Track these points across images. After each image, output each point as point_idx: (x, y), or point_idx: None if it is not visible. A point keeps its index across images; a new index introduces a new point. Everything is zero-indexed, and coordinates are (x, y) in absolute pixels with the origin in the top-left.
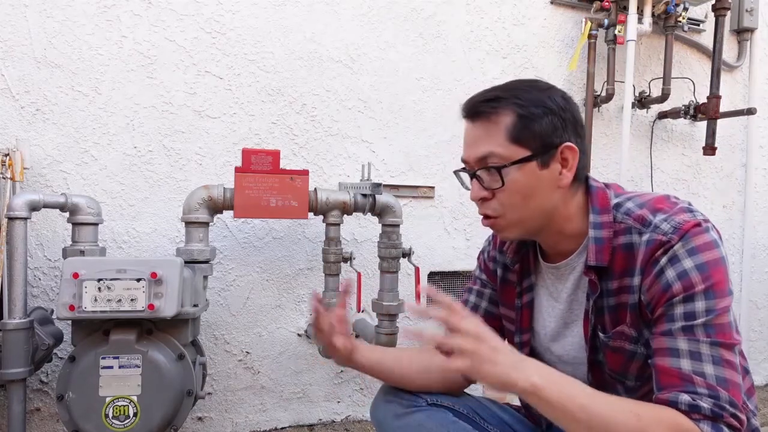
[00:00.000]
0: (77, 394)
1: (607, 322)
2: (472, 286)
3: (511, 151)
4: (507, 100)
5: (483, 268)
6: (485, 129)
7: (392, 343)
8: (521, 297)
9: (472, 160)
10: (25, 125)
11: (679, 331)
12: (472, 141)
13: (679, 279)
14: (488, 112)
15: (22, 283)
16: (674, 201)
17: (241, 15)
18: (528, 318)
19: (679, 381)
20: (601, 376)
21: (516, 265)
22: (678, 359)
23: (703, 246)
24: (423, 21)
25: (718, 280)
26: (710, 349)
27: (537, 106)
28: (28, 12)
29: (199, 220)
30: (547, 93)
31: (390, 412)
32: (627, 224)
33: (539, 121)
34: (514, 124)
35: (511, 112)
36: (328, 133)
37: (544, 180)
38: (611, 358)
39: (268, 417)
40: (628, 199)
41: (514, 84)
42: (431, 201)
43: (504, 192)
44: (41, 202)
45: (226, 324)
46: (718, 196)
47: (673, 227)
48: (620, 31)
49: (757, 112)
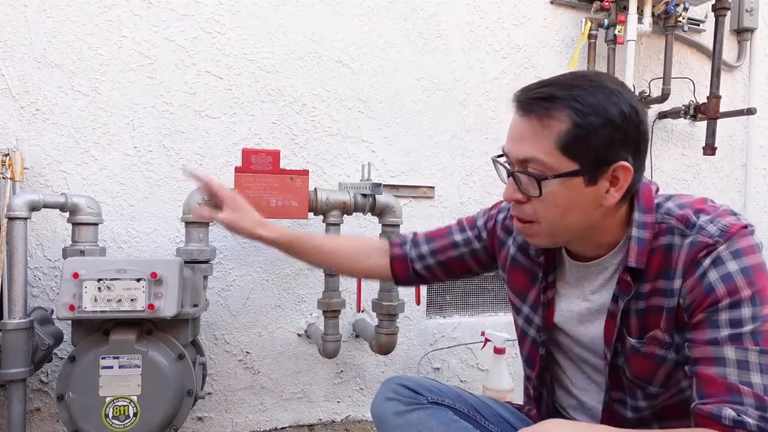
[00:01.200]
0: (77, 394)
1: (633, 326)
2: (468, 230)
3: (557, 162)
4: (564, 102)
5: (490, 230)
6: (533, 129)
7: (392, 343)
8: (545, 292)
9: (513, 157)
10: (25, 125)
11: (725, 339)
12: (517, 137)
13: (723, 282)
14: (541, 113)
15: (22, 283)
16: (714, 204)
17: (241, 15)
18: (552, 315)
19: (725, 390)
20: (618, 381)
21: (541, 257)
22: (724, 368)
23: (748, 249)
24: (423, 21)
25: (763, 285)
26: (758, 358)
27: (597, 115)
28: (28, 12)
29: (199, 220)
30: (613, 99)
31: (391, 410)
32: (669, 224)
33: (596, 133)
34: (567, 131)
35: (566, 117)
36: (328, 133)
37: (587, 196)
38: (638, 363)
39: (268, 417)
40: (667, 198)
41: (578, 80)
42: (431, 201)
43: (540, 202)
44: (41, 202)
45: (226, 324)
46: (718, 196)
47: (720, 230)
48: (620, 31)
49: (757, 112)
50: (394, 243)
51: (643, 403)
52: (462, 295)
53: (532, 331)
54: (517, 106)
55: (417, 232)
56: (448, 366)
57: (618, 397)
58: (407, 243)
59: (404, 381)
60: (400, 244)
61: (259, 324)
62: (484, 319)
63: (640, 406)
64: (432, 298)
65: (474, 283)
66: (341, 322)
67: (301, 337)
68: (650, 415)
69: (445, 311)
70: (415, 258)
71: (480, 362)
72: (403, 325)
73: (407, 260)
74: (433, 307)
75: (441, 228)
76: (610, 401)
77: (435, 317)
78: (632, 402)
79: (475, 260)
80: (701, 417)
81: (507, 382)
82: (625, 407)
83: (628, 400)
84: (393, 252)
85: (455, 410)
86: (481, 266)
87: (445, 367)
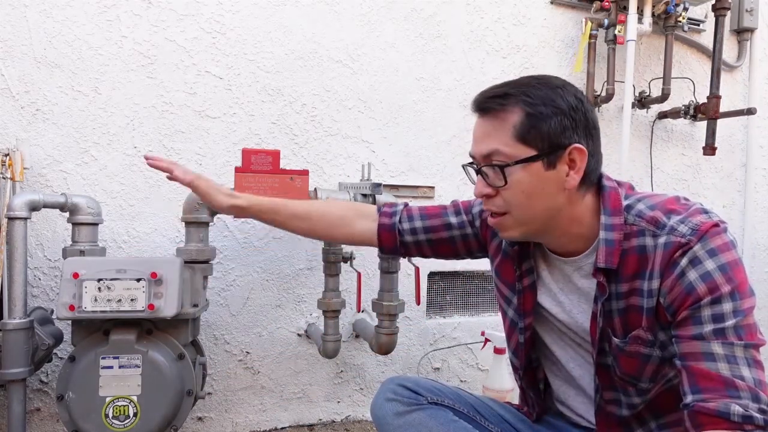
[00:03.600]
0: (77, 394)
1: (617, 326)
2: (463, 215)
3: (516, 150)
4: (516, 97)
5: (485, 219)
6: (492, 125)
7: (392, 343)
8: (521, 280)
9: (478, 155)
10: (25, 125)
11: (710, 334)
12: (479, 136)
13: (703, 281)
14: (496, 109)
15: (22, 283)
16: (686, 202)
17: (241, 15)
18: (530, 301)
19: (722, 385)
20: (610, 380)
21: (515, 246)
22: (715, 363)
23: (722, 246)
24: (423, 21)
25: (741, 280)
26: (743, 352)
27: (546, 105)
28: (28, 12)
29: (199, 220)
30: (558, 91)
31: (390, 410)
32: (639, 226)
33: (548, 120)
34: (521, 122)
35: (519, 110)
36: (328, 133)
37: (549, 181)
38: (625, 362)
39: (268, 417)
40: (638, 200)
41: (526, 80)
42: (431, 201)
43: (507, 190)
44: (41, 202)
45: (226, 324)
46: (718, 196)
47: (691, 229)
48: (620, 31)
49: (757, 112)
50: (383, 212)
51: (637, 399)
52: (462, 295)
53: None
54: (476, 108)
55: (409, 204)
56: (448, 366)
57: (611, 398)
58: (397, 214)
59: (404, 381)
60: (389, 214)
61: (259, 324)
62: (484, 319)
63: (635, 403)
64: (432, 298)
65: (474, 283)
66: (341, 322)
67: (301, 337)
68: (645, 408)
69: (445, 311)
70: (406, 231)
71: (480, 362)
72: (403, 325)
73: (395, 231)
74: (433, 307)
75: (435, 206)
76: (603, 403)
77: (435, 317)
78: (626, 399)
79: (464, 244)
80: (705, 416)
81: (507, 382)
82: (619, 406)
83: (622, 398)
84: (381, 221)
85: (455, 410)
86: (468, 252)
87: (445, 367)
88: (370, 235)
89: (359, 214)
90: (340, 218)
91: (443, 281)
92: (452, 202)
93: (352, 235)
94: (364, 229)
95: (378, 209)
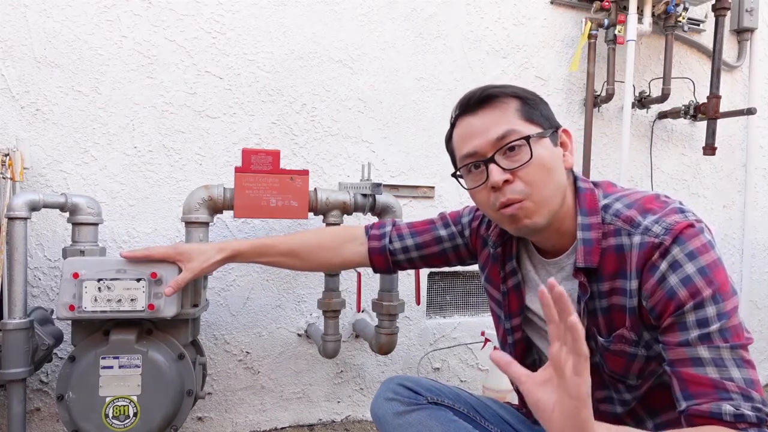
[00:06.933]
0: (77, 394)
1: (602, 325)
2: (452, 226)
3: (527, 128)
4: (505, 89)
5: (474, 229)
6: (495, 114)
7: (392, 343)
8: (505, 282)
9: (488, 144)
10: (25, 125)
11: (696, 340)
12: (482, 128)
13: (684, 285)
14: (497, 95)
15: (22, 283)
16: (664, 200)
17: (241, 15)
18: (516, 302)
19: (712, 388)
20: (600, 379)
21: (498, 249)
22: (704, 368)
23: (701, 248)
24: (423, 21)
25: (722, 281)
26: (731, 354)
27: (532, 95)
28: (28, 12)
29: (199, 220)
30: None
31: (390, 410)
32: (616, 226)
33: (538, 106)
34: (520, 107)
35: (513, 99)
36: (328, 133)
37: (558, 156)
38: (611, 361)
39: (268, 417)
40: (616, 199)
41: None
42: (431, 201)
43: (530, 167)
44: (41, 202)
45: (226, 324)
46: (718, 196)
47: (665, 228)
48: (620, 31)
49: (757, 112)
50: (372, 235)
51: (628, 395)
52: (462, 295)
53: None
54: (467, 110)
55: (397, 222)
56: (448, 366)
57: (603, 396)
58: (386, 236)
59: (404, 381)
60: (378, 237)
61: (259, 324)
62: (484, 319)
63: (627, 399)
64: (432, 298)
65: (474, 283)
66: (341, 322)
67: (301, 337)
68: (638, 405)
69: (445, 311)
70: (397, 250)
71: (480, 362)
72: (403, 325)
73: (386, 253)
74: (433, 307)
75: (423, 221)
76: (596, 403)
77: (435, 317)
78: (618, 396)
79: (455, 255)
80: (698, 417)
81: (507, 382)
82: (613, 404)
83: (614, 396)
84: (371, 245)
85: (455, 410)
86: (459, 260)
87: (445, 367)
88: (361, 259)
89: (347, 240)
90: (330, 249)
91: (443, 281)
92: (440, 214)
93: (343, 264)
94: (354, 254)
95: (366, 231)
